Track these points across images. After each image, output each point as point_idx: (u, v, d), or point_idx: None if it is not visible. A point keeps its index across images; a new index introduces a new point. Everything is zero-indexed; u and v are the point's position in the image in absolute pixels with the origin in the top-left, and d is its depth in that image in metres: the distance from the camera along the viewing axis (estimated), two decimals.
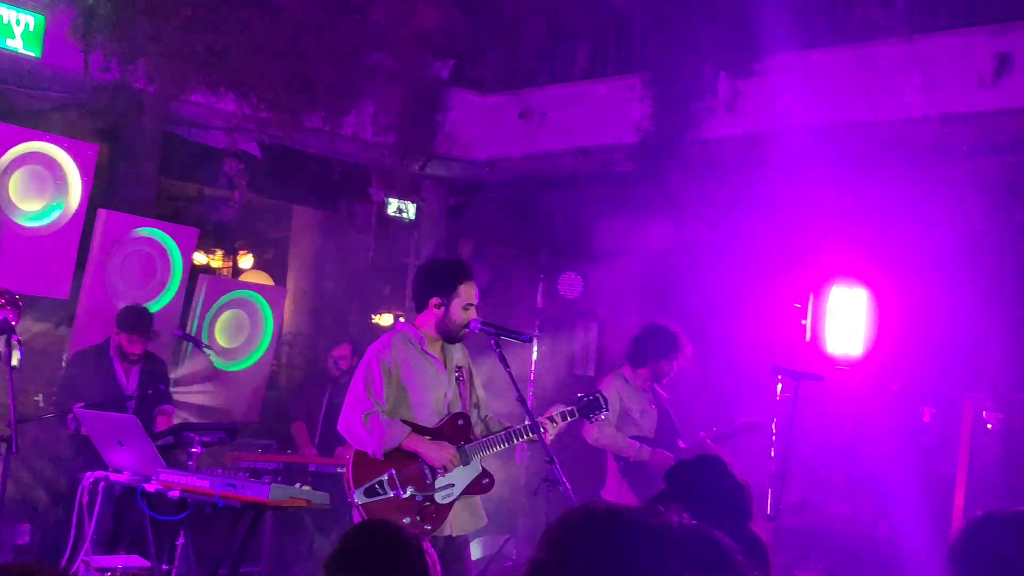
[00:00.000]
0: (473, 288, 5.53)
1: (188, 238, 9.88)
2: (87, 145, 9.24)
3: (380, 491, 5.24)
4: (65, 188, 9.00)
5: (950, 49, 9.06)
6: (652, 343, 7.64)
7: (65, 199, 9.01)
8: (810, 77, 9.61)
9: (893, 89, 9.20)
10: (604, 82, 11.23)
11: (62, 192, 9.00)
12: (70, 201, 9.04)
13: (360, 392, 5.35)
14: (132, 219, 9.53)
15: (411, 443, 5.30)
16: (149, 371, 8.10)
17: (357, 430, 5.28)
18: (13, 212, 8.74)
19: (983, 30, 8.94)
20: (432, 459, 5.30)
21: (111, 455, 6.35)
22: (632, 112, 10.49)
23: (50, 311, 9.18)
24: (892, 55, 9.25)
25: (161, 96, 9.66)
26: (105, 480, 6.28)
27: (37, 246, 8.87)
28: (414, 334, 5.52)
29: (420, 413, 5.42)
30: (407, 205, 12.30)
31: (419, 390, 5.46)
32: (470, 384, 5.65)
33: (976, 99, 8.86)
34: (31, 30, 8.86)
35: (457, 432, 5.46)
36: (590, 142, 11.08)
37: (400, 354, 5.45)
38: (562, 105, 11.31)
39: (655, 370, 7.61)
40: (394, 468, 5.27)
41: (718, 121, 10.16)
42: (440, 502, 5.34)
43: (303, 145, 11.12)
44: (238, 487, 5.51)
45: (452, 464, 5.32)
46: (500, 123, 11.69)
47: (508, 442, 5.51)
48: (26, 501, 7.99)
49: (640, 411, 7.54)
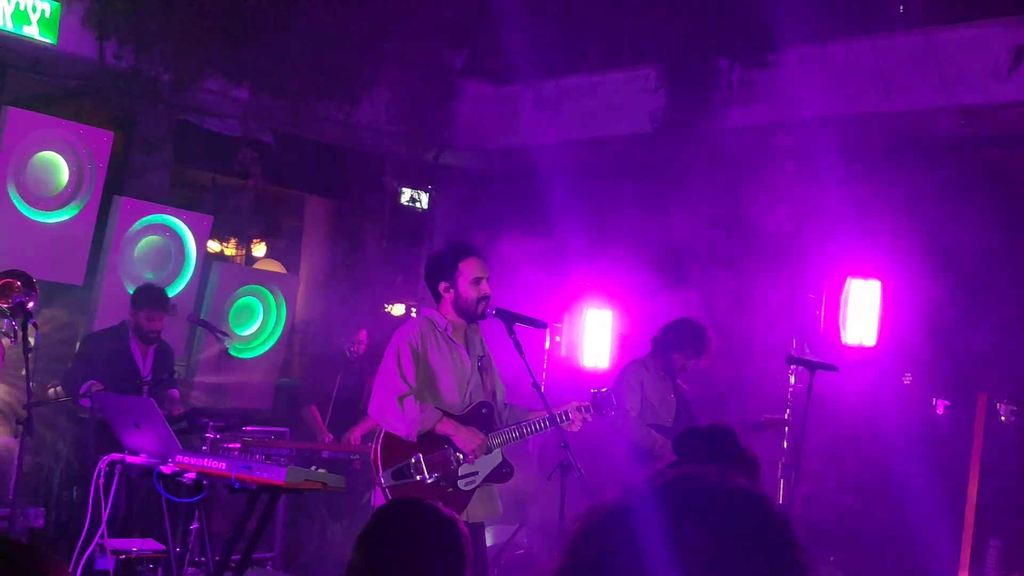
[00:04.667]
0: (476, 262, 5.53)
1: (202, 226, 9.91)
2: (102, 132, 9.26)
3: (407, 474, 5.27)
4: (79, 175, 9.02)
5: (966, 41, 9.03)
6: (669, 335, 7.66)
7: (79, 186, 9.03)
8: (825, 68, 9.59)
9: (908, 81, 9.18)
10: (619, 72, 11.21)
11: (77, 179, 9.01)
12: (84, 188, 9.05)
13: (393, 375, 5.36)
14: (147, 206, 9.56)
15: (444, 427, 5.32)
16: (162, 355, 8.15)
17: (391, 412, 5.29)
18: (29, 198, 8.77)
19: (999, 22, 8.91)
20: (463, 443, 5.32)
21: (127, 437, 6.37)
22: (647, 102, 10.47)
23: (66, 298, 9.20)
24: (908, 47, 9.23)
25: (176, 84, 9.68)
26: (121, 463, 6.30)
27: (52, 232, 8.90)
28: (440, 320, 5.54)
29: (446, 399, 5.45)
30: (420, 195, 12.30)
31: (446, 375, 5.48)
32: (491, 373, 5.66)
33: (992, 91, 8.84)
34: (47, 17, 8.88)
35: (481, 420, 5.48)
36: (605, 132, 11.07)
37: (428, 339, 5.47)
38: (577, 95, 11.29)
39: (668, 362, 7.62)
40: (421, 453, 5.29)
41: (733, 112, 10.15)
42: (463, 489, 5.37)
43: (317, 134, 11.13)
44: (254, 469, 5.52)
45: (480, 451, 5.35)
46: (514, 113, 11.69)
47: (530, 433, 5.53)
48: (41, 484, 8.02)
49: (660, 400, 7.57)
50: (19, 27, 8.75)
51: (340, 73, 10.44)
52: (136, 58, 9.40)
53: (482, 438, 5.38)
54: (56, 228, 8.94)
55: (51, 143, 8.88)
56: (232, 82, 9.94)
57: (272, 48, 9.91)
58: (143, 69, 9.47)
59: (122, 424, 6.43)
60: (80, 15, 9.10)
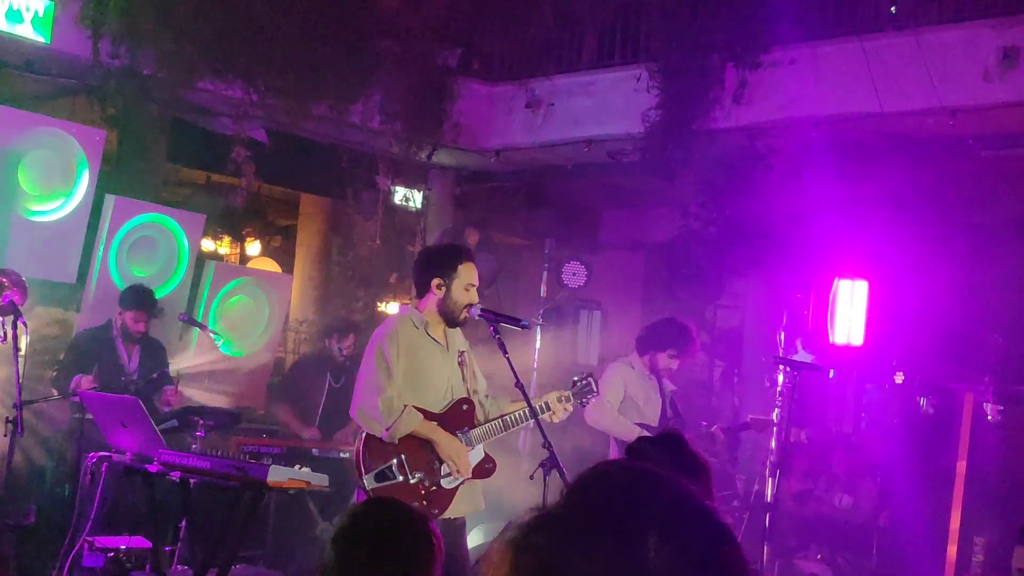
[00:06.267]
0: (473, 270, 5.57)
1: (195, 224, 9.94)
2: (95, 131, 9.29)
3: (390, 476, 5.30)
4: (73, 173, 9.06)
5: (956, 42, 9.07)
6: (655, 334, 7.69)
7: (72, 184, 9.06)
8: (816, 69, 9.63)
9: (899, 82, 9.21)
10: (611, 72, 11.26)
11: (70, 177, 9.05)
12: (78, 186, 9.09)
13: (373, 376, 5.38)
14: (140, 205, 9.59)
15: (427, 431, 5.37)
16: (150, 353, 8.20)
17: (372, 414, 5.32)
18: (22, 196, 8.80)
19: (989, 23, 8.95)
20: (444, 450, 5.37)
21: (114, 436, 6.41)
22: (639, 102, 10.50)
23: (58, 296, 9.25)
24: (898, 47, 9.26)
25: (169, 83, 9.70)
26: (108, 461, 6.34)
27: (45, 230, 8.93)
28: (418, 317, 5.57)
29: (427, 396, 5.47)
30: (413, 193, 12.34)
31: (426, 373, 5.50)
32: (471, 368, 5.70)
33: (981, 92, 8.87)
34: (40, 16, 8.92)
35: (461, 417, 5.51)
36: (597, 132, 11.11)
37: (407, 337, 5.49)
38: (569, 95, 11.33)
39: (653, 361, 7.64)
40: (404, 453, 5.33)
41: (725, 112, 10.17)
42: (446, 487, 5.41)
43: (310, 133, 11.17)
44: (238, 468, 5.57)
45: (461, 462, 5.40)
46: (507, 112, 11.73)
47: (513, 424, 5.57)
48: (31, 482, 8.06)
49: (644, 398, 7.59)
50: (12, 26, 8.78)
51: (334, 72, 10.47)
52: (130, 57, 9.42)
53: (463, 448, 5.43)
54: (49, 226, 8.97)
55: (45, 142, 8.91)
56: (226, 81, 9.97)
57: (265, 47, 9.95)
58: (137, 68, 9.49)
59: (108, 423, 6.47)
60: (74, 14, 9.13)
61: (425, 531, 3.22)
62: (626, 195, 11.67)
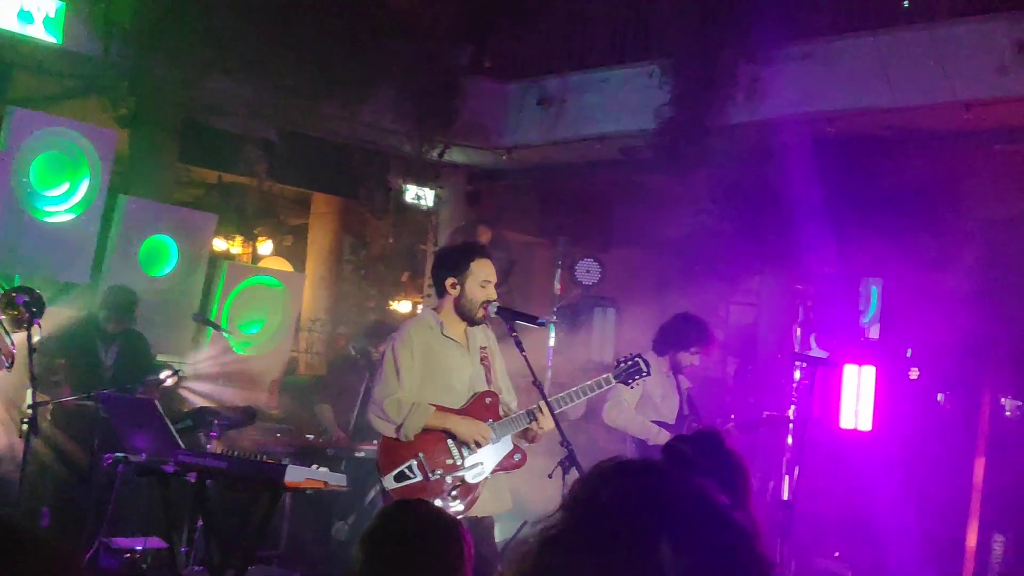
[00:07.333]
0: (488, 265, 5.51)
1: (208, 224, 9.93)
2: (106, 131, 9.29)
3: (409, 475, 5.26)
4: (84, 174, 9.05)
5: (970, 35, 9.01)
6: (675, 333, 7.64)
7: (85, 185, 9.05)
8: (830, 64, 9.58)
9: (913, 76, 9.16)
10: (623, 68, 11.21)
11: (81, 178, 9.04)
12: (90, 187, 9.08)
13: (383, 379, 5.36)
14: (152, 205, 9.59)
15: (439, 420, 5.31)
16: (129, 344, 8.20)
17: (382, 415, 5.30)
18: (34, 197, 8.80)
19: (1004, 16, 8.89)
20: (462, 433, 5.31)
21: (129, 437, 6.40)
22: (652, 99, 10.46)
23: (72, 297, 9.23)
24: (912, 41, 9.21)
25: (180, 82, 9.69)
26: (124, 461, 6.32)
27: (58, 231, 8.92)
28: (434, 318, 5.54)
29: (447, 396, 5.43)
30: (425, 192, 12.31)
31: (443, 373, 5.46)
32: (494, 366, 5.64)
33: (997, 85, 8.82)
34: (52, 16, 8.91)
35: (486, 410, 5.46)
36: (609, 129, 11.07)
37: (421, 340, 5.45)
38: (581, 92, 11.30)
39: (675, 360, 7.61)
40: (422, 452, 5.29)
41: (737, 108, 10.13)
42: (470, 481, 5.34)
43: (322, 132, 11.15)
44: (254, 468, 5.54)
45: (483, 438, 5.32)
46: (519, 110, 11.70)
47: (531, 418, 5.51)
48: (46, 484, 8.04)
49: (661, 396, 7.55)
50: (24, 26, 8.78)
51: (345, 70, 10.44)
52: (141, 57, 9.42)
53: (482, 425, 5.36)
54: (62, 227, 8.97)
55: (56, 142, 8.90)
56: (237, 80, 9.95)
57: (276, 46, 9.92)
58: (148, 68, 9.48)
59: (124, 424, 6.46)
60: (85, 14, 9.12)
61: (456, 534, 3.17)
62: (639, 192, 11.62)
